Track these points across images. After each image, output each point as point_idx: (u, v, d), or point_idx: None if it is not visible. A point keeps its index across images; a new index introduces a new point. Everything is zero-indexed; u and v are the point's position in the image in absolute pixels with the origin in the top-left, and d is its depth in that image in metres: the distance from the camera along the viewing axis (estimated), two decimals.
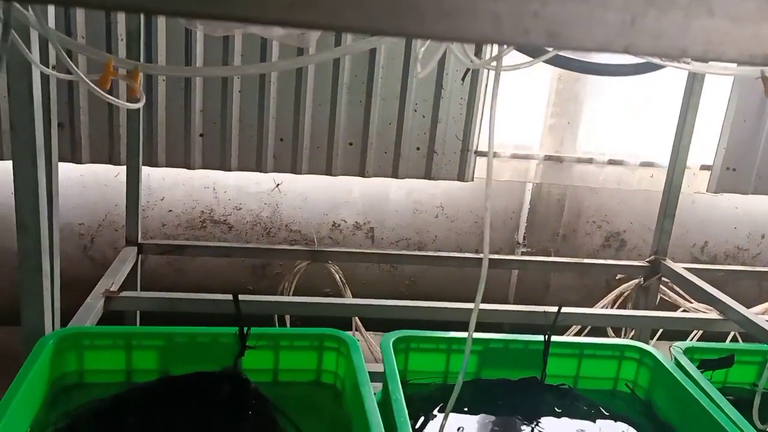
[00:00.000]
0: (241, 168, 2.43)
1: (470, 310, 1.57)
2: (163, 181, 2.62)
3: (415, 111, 2.48)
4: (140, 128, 1.75)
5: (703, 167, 2.63)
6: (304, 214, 2.75)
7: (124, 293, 1.36)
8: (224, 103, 2.34)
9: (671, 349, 1.06)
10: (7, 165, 2.23)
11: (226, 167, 2.41)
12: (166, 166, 2.39)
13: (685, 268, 1.85)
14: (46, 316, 0.98)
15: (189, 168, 2.39)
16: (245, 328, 1.02)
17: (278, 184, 2.26)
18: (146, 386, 1.00)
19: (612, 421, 1.03)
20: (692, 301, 1.90)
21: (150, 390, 0.99)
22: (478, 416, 1.03)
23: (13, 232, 0.98)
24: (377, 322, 2.48)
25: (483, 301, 1.71)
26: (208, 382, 1.01)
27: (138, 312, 1.66)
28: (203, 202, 2.69)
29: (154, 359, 1.02)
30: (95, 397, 0.96)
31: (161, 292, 1.53)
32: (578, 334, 2.33)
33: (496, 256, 2.42)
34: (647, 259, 2.03)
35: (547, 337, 1.06)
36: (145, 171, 2.46)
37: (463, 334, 1.10)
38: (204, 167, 2.42)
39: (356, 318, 1.96)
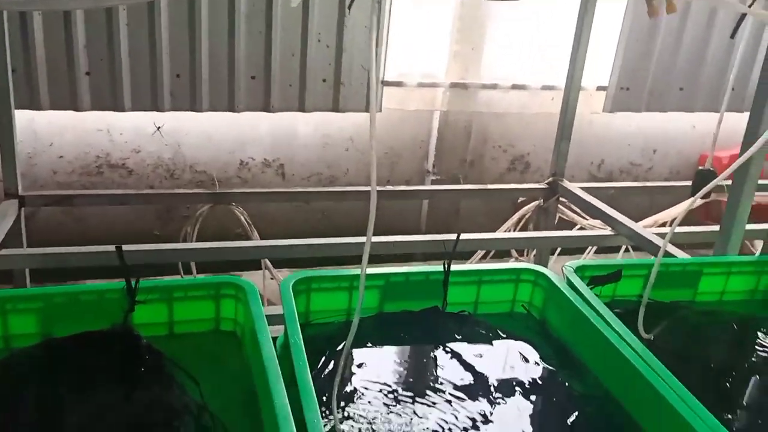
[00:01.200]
0: (136, 108, 2.27)
1: (379, 243, 1.58)
2: (50, 126, 2.43)
3: (319, 41, 2.38)
4: (6, 63, 1.57)
5: (599, 88, 2.69)
6: (209, 154, 2.64)
7: (4, 251, 1.27)
8: (111, 37, 2.16)
9: (563, 268, 1.09)
10: None
11: (119, 108, 2.24)
12: (51, 109, 2.20)
13: (581, 188, 1.92)
14: None
15: (77, 110, 2.21)
16: (133, 282, 0.97)
17: (159, 128, 2.12)
18: (27, 351, 0.94)
19: (509, 342, 1.06)
20: (588, 218, 1.98)
21: (31, 355, 0.93)
22: (381, 349, 1.04)
23: None
24: (290, 261, 2.46)
25: (394, 233, 1.71)
26: (96, 341, 0.96)
27: (27, 271, 1.56)
28: (97, 147, 2.53)
29: (34, 322, 0.95)
30: None
31: (53, 246, 1.44)
32: (484, 257, 2.40)
33: (405, 188, 2.43)
34: (546, 181, 2.08)
35: (446, 266, 1.07)
36: (28, 115, 2.27)
37: (359, 270, 1.09)
38: (94, 108, 2.25)
39: (266, 259, 1.92)
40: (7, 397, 0.86)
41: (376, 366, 1.00)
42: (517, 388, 0.95)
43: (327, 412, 0.84)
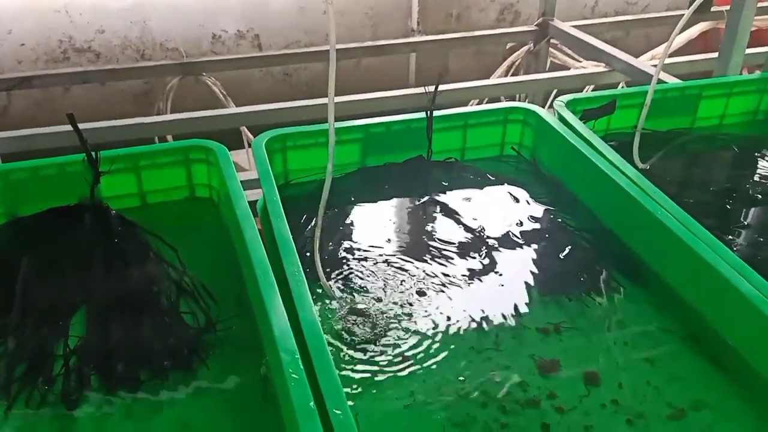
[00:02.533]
0: None
1: (362, 101, 1.49)
2: (4, 12, 2.26)
3: None
4: None
5: None
6: (179, 28, 2.47)
7: None
8: None
9: (554, 103, 1.02)
10: None
11: None
12: None
13: (573, 26, 1.79)
14: None
15: None
16: (93, 153, 0.90)
17: None
18: None
19: (498, 185, 1.02)
20: (581, 60, 1.87)
21: None
22: (366, 204, 0.99)
23: None
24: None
25: (382, 90, 1.61)
26: (65, 216, 0.91)
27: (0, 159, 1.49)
28: (58, 29, 2.36)
29: None
30: None
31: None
32: None
33: (388, 42, 2.29)
34: (535, 23, 1.95)
35: (429, 112, 1.00)
36: None
37: (343, 123, 1.02)
38: None
39: (245, 130, 1.84)
40: None
41: (362, 222, 0.96)
42: (509, 229, 0.92)
43: (309, 271, 0.81)
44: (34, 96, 2.37)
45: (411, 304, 0.80)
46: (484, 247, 0.89)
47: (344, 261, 0.87)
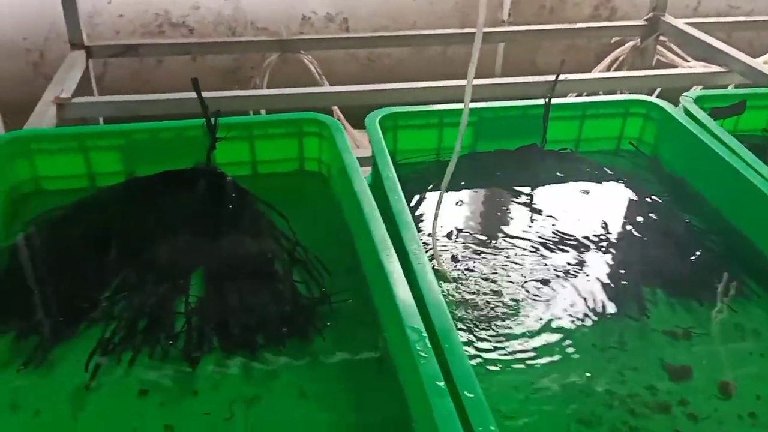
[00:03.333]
0: None
1: (461, 87, 1.46)
2: None
3: None
4: None
5: None
6: (270, 8, 2.50)
7: (77, 99, 1.23)
8: None
9: (681, 98, 0.97)
10: None
11: None
12: None
13: (687, 23, 1.71)
14: None
15: None
16: (213, 119, 0.91)
17: None
18: (112, 189, 0.91)
19: (616, 180, 0.97)
20: (689, 60, 1.79)
21: (117, 192, 0.91)
22: (476, 189, 0.97)
23: None
24: (359, 116, 2.37)
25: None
26: (180, 179, 0.92)
27: (101, 120, 1.54)
28: (156, 3, 2.42)
29: (117, 160, 0.92)
30: (57, 204, 0.88)
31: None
32: None
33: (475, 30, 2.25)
34: (645, 18, 1.87)
35: (548, 99, 0.96)
36: None
37: (457, 106, 1.00)
38: None
39: (337, 110, 1.84)
40: (97, 233, 0.84)
41: (473, 208, 0.94)
42: (630, 227, 0.88)
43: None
44: (130, 66, 2.45)
45: (527, 294, 0.77)
46: (604, 242, 0.85)
47: (455, 246, 0.85)
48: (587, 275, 0.80)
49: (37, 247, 0.81)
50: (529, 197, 0.95)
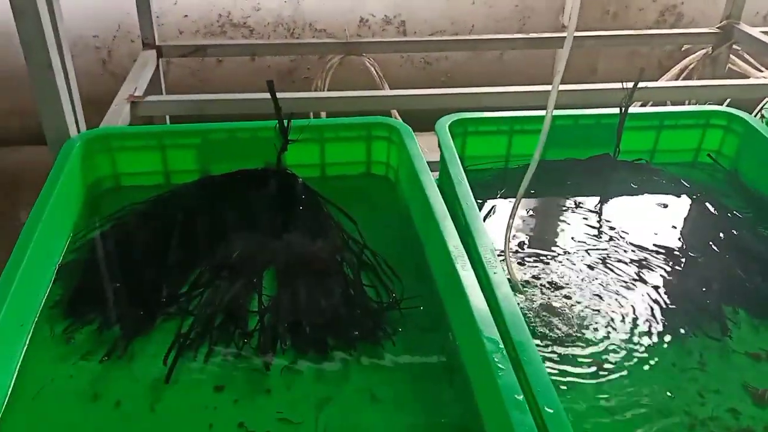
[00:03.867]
0: None
1: (527, 93, 1.45)
2: None
3: None
4: None
5: None
6: (329, 10, 2.52)
7: (150, 97, 1.26)
8: None
9: (765, 111, 0.93)
10: None
11: None
12: None
13: (762, 32, 1.65)
14: (67, 116, 0.90)
15: None
16: (285, 121, 0.92)
17: None
18: (187, 187, 0.93)
19: (694, 193, 0.94)
20: (763, 69, 1.72)
21: (192, 190, 0.93)
22: (547, 198, 0.95)
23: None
24: (416, 121, 2.37)
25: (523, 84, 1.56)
26: (252, 179, 0.94)
27: (167, 120, 1.58)
28: (219, 4, 2.47)
29: (192, 158, 0.94)
30: (135, 201, 0.90)
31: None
32: None
33: (538, 35, 2.21)
34: (718, 25, 1.81)
35: (624, 109, 0.94)
36: None
37: (528, 113, 0.99)
38: None
39: (395, 113, 1.84)
40: (173, 230, 0.86)
41: (543, 216, 0.92)
42: (710, 243, 0.85)
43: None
44: (189, 65, 2.51)
45: (601, 309, 0.76)
46: (682, 257, 0.82)
47: (525, 255, 0.84)
48: (665, 291, 0.78)
49: (117, 242, 0.84)
50: (602, 208, 0.93)
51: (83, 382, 0.66)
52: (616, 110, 0.96)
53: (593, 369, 0.68)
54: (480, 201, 0.94)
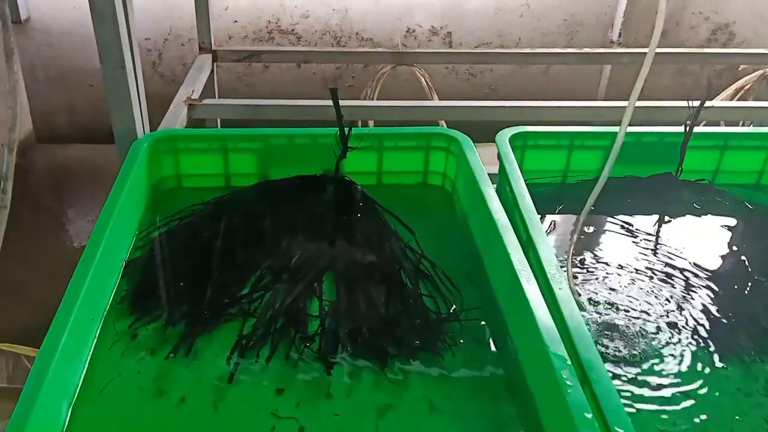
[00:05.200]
0: None
1: (577, 109, 1.44)
2: None
3: None
4: None
5: None
6: (376, 20, 2.54)
7: (207, 101, 1.29)
8: None
9: None
10: None
11: None
12: None
13: None
14: (136, 116, 0.92)
15: None
16: (346, 128, 0.93)
17: None
18: (246, 190, 0.95)
19: (759, 216, 0.93)
20: None
21: (251, 193, 0.94)
22: (606, 215, 0.94)
23: (94, 51, 0.88)
24: (464, 132, 2.36)
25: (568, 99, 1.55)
26: (311, 184, 0.95)
27: (219, 123, 1.60)
28: (269, 11, 2.51)
29: (252, 162, 0.96)
30: (196, 201, 0.92)
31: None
32: None
33: (585, 50, 2.20)
34: None
35: (689, 127, 0.93)
36: None
37: (588, 128, 0.98)
38: None
39: (443, 123, 1.84)
40: (234, 231, 0.87)
41: (604, 233, 0.91)
42: None
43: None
44: (237, 70, 2.55)
45: (664, 330, 0.74)
46: (747, 281, 0.81)
47: (587, 271, 0.83)
48: (729, 315, 0.76)
49: (180, 241, 0.85)
50: (663, 227, 0.92)
51: (149, 378, 0.67)
52: (680, 128, 0.94)
53: (657, 390, 0.67)
54: (539, 215, 0.93)
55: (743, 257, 0.85)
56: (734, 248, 0.87)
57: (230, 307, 0.75)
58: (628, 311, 0.77)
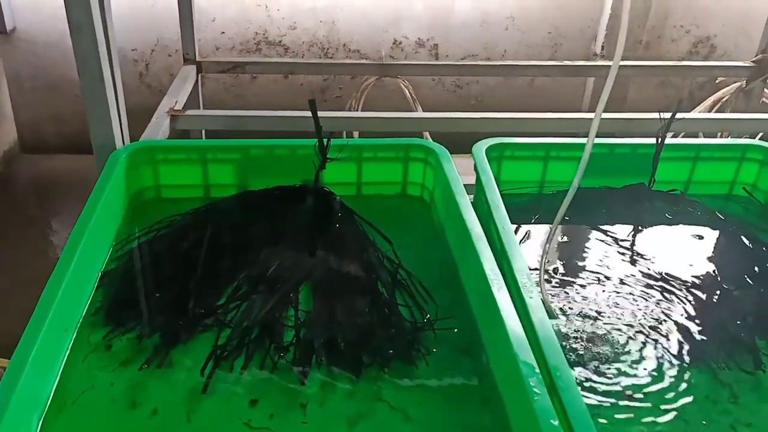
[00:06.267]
0: None
1: (559, 120, 1.45)
2: (212, 1, 2.45)
3: None
4: None
5: None
6: (363, 31, 2.56)
7: (190, 111, 1.29)
8: None
9: None
10: None
11: None
12: None
13: None
14: (114, 127, 0.92)
15: None
16: (325, 140, 0.94)
17: None
18: (225, 200, 0.95)
19: (729, 227, 0.94)
20: None
21: (230, 204, 0.95)
22: (581, 225, 0.96)
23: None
24: (447, 143, 2.37)
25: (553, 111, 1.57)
26: (290, 195, 0.96)
27: (203, 133, 1.61)
28: (256, 22, 2.53)
29: (232, 173, 0.96)
30: (175, 212, 0.92)
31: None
32: None
33: (569, 63, 2.22)
34: (753, 59, 1.81)
35: (660, 139, 0.95)
36: None
37: (564, 140, 1.00)
38: None
39: (428, 135, 1.86)
40: (212, 242, 0.88)
41: (576, 243, 0.93)
42: (744, 274, 0.84)
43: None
44: (224, 80, 2.55)
45: (633, 338, 0.76)
46: (716, 290, 0.82)
47: (560, 280, 0.84)
48: (697, 323, 0.78)
49: (157, 252, 0.86)
50: (636, 237, 0.93)
51: (122, 389, 0.67)
52: (652, 140, 0.96)
53: (625, 398, 0.68)
54: (514, 225, 0.94)
55: (713, 266, 0.87)
56: (705, 258, 0.88)
57: (206, 318, 0.76)
58: (598, 319, 0.78)
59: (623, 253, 0.90)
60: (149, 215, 0.93)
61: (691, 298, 0.81)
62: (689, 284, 0.83)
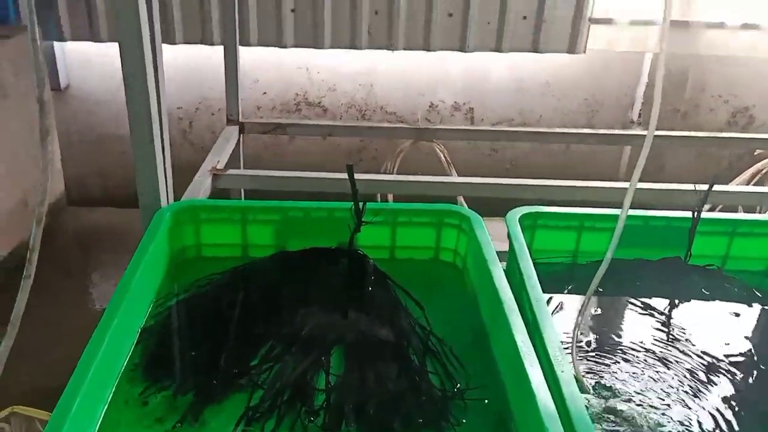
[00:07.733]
0: (335, 45, 2.30)
1: (595, 189, 1.46)
2: (255, 63, 2.56)
3: None
4: (235, 3, 1.65)
5: None
6: (400, 95, 2.63)
7: (231, 171, 1.34)
8: None
9: None
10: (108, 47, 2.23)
11: (319, 45, 2.29)
12: (258, 45, 2.30)
13: None
14: (161, 187, 0.96)
15: (281, 46, 2.29)
16: (361, 203, 0.96)
17: None
18: (263, 261, 0.97)
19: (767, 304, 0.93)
20: None
21: (267, 264, 0.97)
22: (615, 297, 0.95)
23: (125, 119, 0.94)
24: (481, 207, 2.38)
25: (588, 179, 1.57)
26: (325, 257, 0.98)
27: (242, 192, 1.66)
28: (297, 84, 2.62)
29: (270, 234, 0.99)
30: (214, 271, 0.95)
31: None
32: None
33: (606, 131, 2.24)
34: None
35: (696, 213, 0.94)
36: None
37: (598, 210, 1.00)
38: (296, 45, 2.31)
39: (461, 199, 1.88)
40: (248, 301, 0.90)
41: (610, 315, 0.92)
42: None
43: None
44: (264, 139, 2.64)
45: (669, 418, 0.74)
46: (753, 369, 0.80)
47: (593, 353, 0.83)
48: (734, 403, 0.76)
49: (195, 311, 0.88)
50: (671, 312, 0.92)
51: None
52: (688, 213, 0.96)
53: None
54: (547, 295, 0.94)
55: (750, 345, 0.85)
56: (742, 336, 0.87)
57: (240, 378, 0.77)
58: (632, 396, 0.76)
59: (658, 328, 0.89)
60: (189, 272, 0.95)
61: (726, 377, 0.80)
62: (725, 363, 0.82)
